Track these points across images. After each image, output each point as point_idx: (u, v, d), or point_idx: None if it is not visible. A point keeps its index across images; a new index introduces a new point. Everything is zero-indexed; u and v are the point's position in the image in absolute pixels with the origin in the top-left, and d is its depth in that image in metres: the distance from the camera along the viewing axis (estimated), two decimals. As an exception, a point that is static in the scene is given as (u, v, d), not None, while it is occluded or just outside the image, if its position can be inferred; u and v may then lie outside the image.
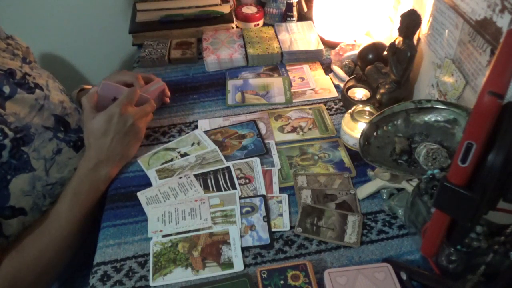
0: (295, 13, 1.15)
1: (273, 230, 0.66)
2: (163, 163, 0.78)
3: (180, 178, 0.75)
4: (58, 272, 0.71)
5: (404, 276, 0.56)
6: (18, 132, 0.68)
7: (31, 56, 0.86)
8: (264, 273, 0.58)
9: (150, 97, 0.80)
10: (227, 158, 0.78)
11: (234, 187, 0.73)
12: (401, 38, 0.81)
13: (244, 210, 0.69)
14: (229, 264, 0.61)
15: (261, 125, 0.86)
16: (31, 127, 0.71)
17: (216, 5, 1.14)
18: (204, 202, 0.70)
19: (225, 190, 0.72)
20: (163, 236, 0.66)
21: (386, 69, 0.87)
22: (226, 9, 1.14)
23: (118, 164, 0.75)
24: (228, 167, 0.76)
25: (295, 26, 1.13)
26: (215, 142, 0.82)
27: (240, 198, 0.71)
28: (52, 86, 0.80)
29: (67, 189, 0.70)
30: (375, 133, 0.73)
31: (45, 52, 1.47)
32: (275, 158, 0.78)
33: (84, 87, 0.96)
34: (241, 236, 0.65)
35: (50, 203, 0.71)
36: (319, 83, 0.97)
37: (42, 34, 1.41)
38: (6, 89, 0.70)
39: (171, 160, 0.79)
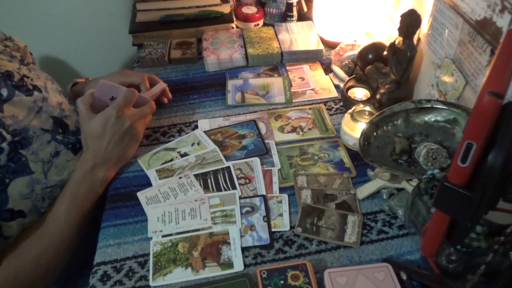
0: (295, 13, 1.15)
1: (273, 230, 0.66)
2: (163, 163, 0.78)
3: (180, 178, 0.75)
4: (56, 274, 0.71)
5: (404, 276, 0.56)
6: (16, 135, 0.68)
7: (29, 56, 0.86)
8: (264, 273, 0.58)
9: (150, 98, 0.80)
10: (227, 158, 0.78)
11: (234, 187, 0.73)
12: (401, 38, 0.81)
13: (244, 210, 0.69)
14: (229, 264, 0.61)
15: (261, 125, 0.86)
16: (29, 129, 0.71)
17: (216, 5, 1.13)
18: (204, 202, 0.70)
19: (225, 190, 0.72)
20: (163, 236, 0.66)
21: (386, 69, 0.87)
22: (226, 9, 1.14)
23: (115, 166, 0.75)
24: (228, 167, 0.76)
25: (295, 26, 1.13)
26: (215, 142, 0.82)
27: (240, 198, 0.71)
28: (50, 87, 0.80)
29: (64, 191, 0.70)
30: (375, 133, 0.73)
31: (45, 52, 1.47)
32: (275, 158, 0.78)
33: (77, 81, 0.95)
34: (241, 236, 0.65)
35: (49, 205, 0.71)
36: (319, 83, 0.97)
37: (41, 35, 1.41)
38: (4, 92, 0.70)
39: (171, 160, 0.79)
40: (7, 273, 0.63)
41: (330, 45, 1.08)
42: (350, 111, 0.79)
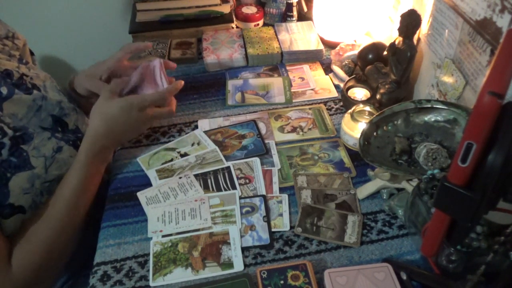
0: (295, 13, 1.15)
1: (273, 230, 0.66)
2: (163, 163, 0.78)
3: (180, 178, 0.75)
4: (66, 258, 0.72)
5: (404, 276, 0.56)
6: (17, 131, 0.68)
7: (28, 56, 0.86)
8: (264, 273, 0.58)
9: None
10: (227, 158, 0.78)
11: (234, 187, 0.73)
12: (401, 38, 0.81)
13: (244, 210, 0.69)
14: (229, 264, 0.61)
15: (261, 125, 0.86)
16: (28, 128, 0.71)
17: (216, 5, 1.14)
18: (204, 202, 0.70)
19: (225, 190, 0.72)
20: (163, 236, 0.66)
21: (386, 69, 0.87)
22: (226, 9, 1.14)
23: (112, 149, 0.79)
24: (228, 167, 0.76)
25: (295, 26, 1.13)
26: (215, 142, 0.82)
27: (240, 198, 0.71)
28: (49, 86, 0.80)
29: (69, 176, 0.70)
30: (375, 133, 0.73)
31: (45, 52, 1.47)
32: (275, 158, 0.78)
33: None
34: (241, 236, 0.65)
35: (47, 199, 0.71)
36: (319, 83, 0.97)
37: (41, 34, 1.41)
38: (4, 90, 0.70)
39: (171, 160, 0.79)
40: (21, 258, 0.64)
41: (330, 45, 1.08)
42: (350, 111, 0.79)
